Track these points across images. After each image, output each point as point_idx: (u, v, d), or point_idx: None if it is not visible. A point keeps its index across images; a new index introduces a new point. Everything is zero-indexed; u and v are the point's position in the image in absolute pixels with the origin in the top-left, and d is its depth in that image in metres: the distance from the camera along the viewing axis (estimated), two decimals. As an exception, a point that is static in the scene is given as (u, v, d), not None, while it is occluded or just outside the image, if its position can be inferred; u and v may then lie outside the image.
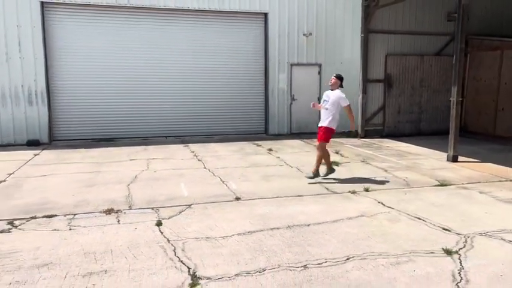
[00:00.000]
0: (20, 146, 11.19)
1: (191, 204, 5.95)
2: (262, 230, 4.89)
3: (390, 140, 12.44)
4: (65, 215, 5.48)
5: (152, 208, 5.79)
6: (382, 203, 6.02)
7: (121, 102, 12.28)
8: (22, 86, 11.16)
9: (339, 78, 7.41)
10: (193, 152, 10.35)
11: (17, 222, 5.19)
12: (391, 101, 13.19)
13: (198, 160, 9.28)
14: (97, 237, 4.69)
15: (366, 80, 12.81)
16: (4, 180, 7.36)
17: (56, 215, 5.47)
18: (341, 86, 7.41)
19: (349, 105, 7.31)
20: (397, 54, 13.14)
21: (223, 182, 7.28)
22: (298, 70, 13.28)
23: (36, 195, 6.42)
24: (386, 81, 13.08)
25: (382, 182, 7.30)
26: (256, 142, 11.81)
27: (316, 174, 7.33)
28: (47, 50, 11.33)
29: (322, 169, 7.45)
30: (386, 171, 8.23)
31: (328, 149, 7.70)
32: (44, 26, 11.18)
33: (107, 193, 6.55)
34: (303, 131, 13.43)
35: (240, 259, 4.07)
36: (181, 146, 11.33)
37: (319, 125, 7.39)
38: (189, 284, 3.56)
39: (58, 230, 4.95)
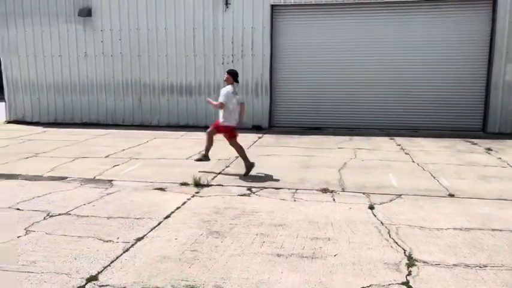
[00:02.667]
0: (246, 129, 13.19)
1: (401, 195, 6.10)
2: (481, 229, 4.70)
3: None
4: (288, 189, 6.43)
5: (363, 193, 6.21)
6: None
7: (329, 94, 13.08)
8: (251, 79, 13.16)
9: (230, 73, 7.28)
10: (399, 145, 10.30)
11: (254, 189, 6.40)
12: None
13: (405, 153, 9.22)
14: (317, 210, 5.40)
15: None
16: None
17: (281, 188, 6.48)
18: (236, 81, 7.32)
19: (219, 103, 7.22)
20: None
21: (434, 177, 7.12)
22: (532, 60, 11.46)
23: (265, 170, 7.66)
24: None
25: None
26: (471, 140, 10.85)
27: (249, 165, 7.28)
28: (273, 48, 13.00)
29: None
30: None
31: None
32: (271, 27, 12.86)
33: (321, 175, 7.30)
34: (532, 131, 11.60)
35: (457, 251, 4.09)
36: (385, 138, 11.38)
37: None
38: (406, 264, 3.82)
39: (285, 200, 5.89)
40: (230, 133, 7.51)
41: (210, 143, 7.64)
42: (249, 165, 7.32)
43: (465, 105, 12.31)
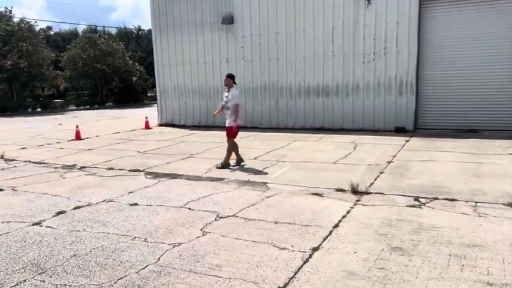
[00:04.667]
0: (388, 131, 12.39)
1: None
2: None
3: None
4: (466, 201, 5.59)
5: None
6: None
7: (487, 92, 11.50)
8: (395, 77, 12.25)
9: (231, 77, 8.13)
10: None
11: (422, 200, 5.72)
12: None
13: None
14: (515, 230, 4.52)
15: None
16: (392, 161, 8.31)
17: (456, 200, 5.67)
18: (234, 83, 8.12)
19: (237, 105, 7.99)
20: None
21: None
22: None
23: (426, 178, 6.87)
24: None
25: None
26: None
27: (225, 165, 8.12)
28: (420, 43, 11.90)
29: None
30: None
31: None
32: (419, 21, 11.77)
33: (500, 185, 6.26)
34: None
35: None
36: None
37: (226, 124, 8.11)
38: None
39: (467, 214, 5.09)
40: (235, 133, 8.19)
41: (233, 150, 8.30)
42: (238, 163, 8.31)
43: None
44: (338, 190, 6.37)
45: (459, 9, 11.47)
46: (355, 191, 6.26)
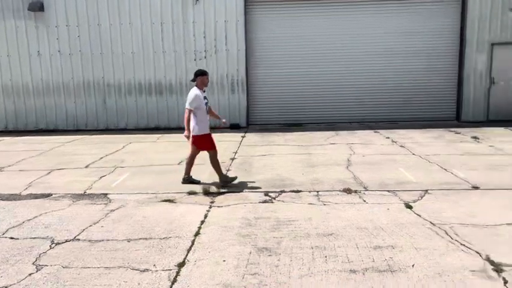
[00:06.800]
0: (224, 128, 12.58)
1: (427, 190, 5.89)
2: (532, 222, 4.57)
3: None
4: (309, 191, 5.98)
5: (388, 191, 5.91)
6: None
7: (308, 89, 12.80)
8: (227, 75, 12.53)
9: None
10: (388, 138, 10.22)
11: (272, 194, 5.88)
12: None
13: (400, 146, 9.13)
14: (356, 214, 4.99)
15: None
16: (235, 158, 8.41)
17: (301, 191, 6.02)
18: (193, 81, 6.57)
19: None
20: None
21: (445, 169, 7.01)
22: (502, 50, 11.91)
23: (269, 172, 7.15)
24: None
25: None
26: (453, 129, 11.06)
27: (225, 180, 6.44)
28: (247, 42, 12.45)
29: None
30: None
31: None
32: (245, 21, 12.29)
33: (332, 174, 6.93)
34: (503, 118, 12.06)
35: (530, 250, 3.88)
36: (369, 131, 11.29)
37: (208, 131, 6.69)
38: (493, 269, 3.53)
39: (313, 204, 5.43)
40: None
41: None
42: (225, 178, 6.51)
43: (439, 96, 12.59)
44: (190, 193, 6.05)
45: (281, 11, 12.40)
46: (207, 193, 6.06)
